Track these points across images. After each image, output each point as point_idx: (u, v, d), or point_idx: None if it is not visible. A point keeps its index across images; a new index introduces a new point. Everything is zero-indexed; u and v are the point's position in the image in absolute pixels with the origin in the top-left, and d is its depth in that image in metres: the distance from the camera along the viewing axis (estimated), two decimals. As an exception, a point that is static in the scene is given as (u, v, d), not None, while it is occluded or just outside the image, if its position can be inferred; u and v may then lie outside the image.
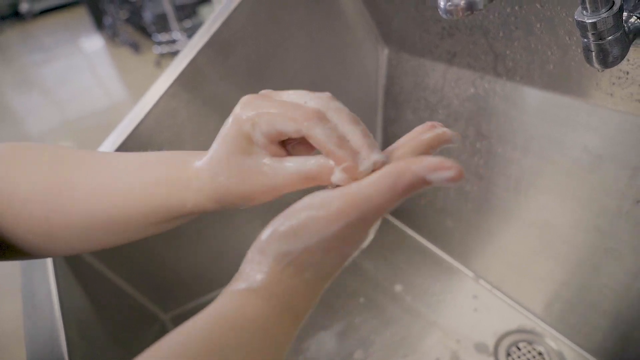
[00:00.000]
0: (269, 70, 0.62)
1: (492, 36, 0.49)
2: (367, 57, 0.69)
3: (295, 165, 0.27)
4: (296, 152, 0.29)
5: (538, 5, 0.42)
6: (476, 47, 0.52)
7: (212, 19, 0.57)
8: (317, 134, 0.25)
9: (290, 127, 0.25)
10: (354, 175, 0.25)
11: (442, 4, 0.30)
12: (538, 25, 0.43)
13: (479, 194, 0.60)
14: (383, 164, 0.25)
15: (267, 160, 0.27)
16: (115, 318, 0.57)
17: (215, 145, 0.28)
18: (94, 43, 4.21)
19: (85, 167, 0.32)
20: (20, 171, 0.32)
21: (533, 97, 0.50)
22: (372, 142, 0.26)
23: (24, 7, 5.23)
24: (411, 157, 0.26)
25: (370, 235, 0.25)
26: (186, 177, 0.29)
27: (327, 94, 0.27)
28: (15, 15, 5.32)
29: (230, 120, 0.27)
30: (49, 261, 0.46)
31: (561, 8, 0.40)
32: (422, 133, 0.27)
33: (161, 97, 0.55)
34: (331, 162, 0.25)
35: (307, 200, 0.24)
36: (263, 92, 0.28)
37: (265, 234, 0.24)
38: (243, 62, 0.60)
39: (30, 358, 0.37)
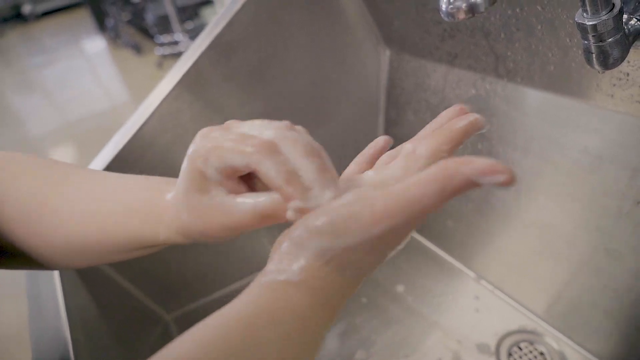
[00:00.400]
0: (270, 71, 0.62)
1: (493, 38, 0.49)
2: (368, 58, 0.69)
3: (249, 202, 0.25)
4: (260, 188, 0.27)
5: (539, 7, 0.42)
6: (477, 49, 0.52)
7: (215, 21, 0.57)
8: (264, 168, 0.23)
9: (239, 161, 0.24)
10: (302, 216, 0.24)
11: (443, 6, 0.30)
12: (539, 27, 0.43)
13: (480, 195, 0.60)
14: None
15: (222, 198, 0.26)
16: (119, 318, 0.57)
17: (178, 182, 0.27)
18: (96, 45, 4.22)
19: (66, 191, 0.32)
20: (6, 186, 0.32)
21: (534, 98, 0.50)
22: (328, 178, 0.24)
23: (26, 8, 5.24)
24: (448, 147, 0.26)
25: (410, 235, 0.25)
26: (158, 210, 0.29)
27: (285, 123, 0.26)
28: (17, 17, 5.34)
29: (186, 157, 0.26)
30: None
31: (562, 10, 0.40)
32: (452, 119, 0.26)
33: (164, 99, 0.56)
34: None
35: (349, 196, 0.23)
36: (227, 122, 0.27)
37: (301, 227, 0.23)
38: (245, 63, 0.60)
39: (36, 358, 0.38)
